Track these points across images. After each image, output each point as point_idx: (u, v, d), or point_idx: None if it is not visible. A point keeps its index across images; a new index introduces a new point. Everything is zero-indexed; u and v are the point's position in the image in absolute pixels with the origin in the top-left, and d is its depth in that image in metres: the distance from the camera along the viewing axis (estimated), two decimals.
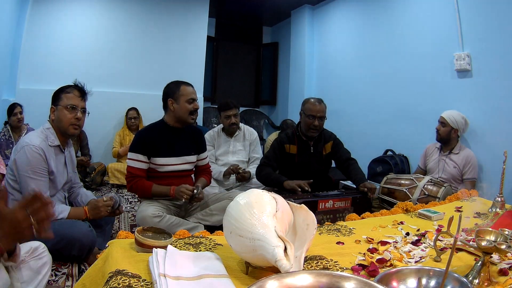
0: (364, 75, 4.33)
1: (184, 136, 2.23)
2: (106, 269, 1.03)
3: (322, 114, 2.44)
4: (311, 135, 2.48)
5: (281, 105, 6.22)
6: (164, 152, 2.14)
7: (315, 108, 2.43)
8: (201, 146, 2.35)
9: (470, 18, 2.98)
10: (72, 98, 1.82)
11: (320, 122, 2.43)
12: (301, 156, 2.53)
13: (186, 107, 2.13)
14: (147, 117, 4.47)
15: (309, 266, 1.07)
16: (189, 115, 2.14)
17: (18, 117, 3.51)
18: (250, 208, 0.97)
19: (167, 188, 2.09)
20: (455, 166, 2.76)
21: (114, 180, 4.00)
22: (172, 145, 2.17)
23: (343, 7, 4.77)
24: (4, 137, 3.50)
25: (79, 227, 1.79)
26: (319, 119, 2.42)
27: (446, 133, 2.79)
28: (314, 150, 2.55)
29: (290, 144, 2.53)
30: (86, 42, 4.49)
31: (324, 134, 2.58)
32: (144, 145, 2.10)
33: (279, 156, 2.53)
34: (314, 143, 2.55)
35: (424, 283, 0.87)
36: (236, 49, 6.49)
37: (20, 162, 1.72)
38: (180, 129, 2.21)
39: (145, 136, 2.14)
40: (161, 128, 2.19)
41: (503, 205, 1.72)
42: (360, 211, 1.73)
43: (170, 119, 2.19)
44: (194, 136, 2.31)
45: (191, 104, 2.13)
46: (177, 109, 2.14)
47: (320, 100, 2.50)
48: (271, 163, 2.51)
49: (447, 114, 2.81)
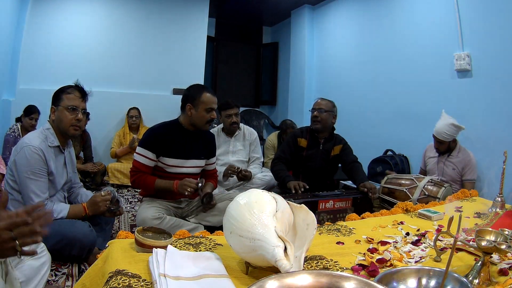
0: (364, 75, 4.33)
1: (197, 139, 2.20)
2: (106, 269, 1.03)
3: (321, 107, 2.60)
4: (315, 128, 2.62)
5: (281, 105, 6.22)
6: (175, 153, 2.11)
7: (316, 102, 2.67)
8: (212, 151, 2.33)
9: (470, 18, 2.98)
10: (73, 99, 1.81)
11: (320, 114, 2.58)
12: (309, 150, 2.66)
13: (204, 116, 2.08)
14: (148, 117, 4.48)
15: (309, 266, 1.07)
16: (206, 123, 2.11)
17: (33, 123, 3.53)
18: (250, 208, 0.97)
19: (170, 182, 2.06)
20: (454, 168, 2.74)
21: (114, 180, 4.00)
22: (184, 147, 2.14)
23: (343, 7, 4.77)
24: (14, 134, 3.52)
25: (79, 227, 1.79)
26: (318, 111, 2.60)
27: (445, 147, 2.75)
28: (323, 148, 2.65)
29: (302, 137, 2.68)
30: (86, 42, 4.49)
31: (336, 137, 2.71)
32: (155, 143, 2.07)
33: (293, 148, 2.67)
34: (325, 141, 2.66)
35: (424, 283, 0.87)
36: (236, 49, 6.49)
37: (19, 162, 1.72)
38: (193, 132, 2.17)
39: (158, 133, 2.10)
40: (175, 128, 2.15)
41: (503, 205, 1.72)
42: (361, 211, 1.73)
43: (185, 121, 2.15)
44: (206, 140, 2.28)
45: (209, 113, 2.08)
46: (194, 115, 2.10)
47: (325, 99, 2.69)
48: (285, 156, 2.65)
49: (438, 132, 2.68)
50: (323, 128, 2.60)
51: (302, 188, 2.30)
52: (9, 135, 3.51)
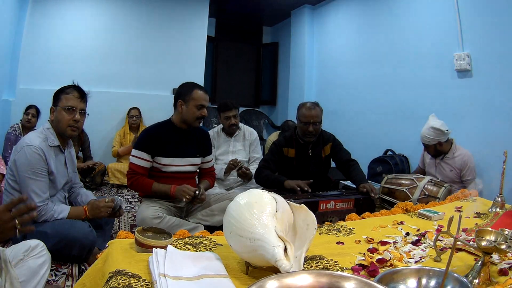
0: (364, 75, 4.33)
1: (191, 137, 2.22)
2: (106, 269, 1.03)
3: (317, 120, 2.40)
4: (308, 140, 2.46)
5: (281, 105, 6.22)
6: (169, 152, 2.13)
7: (310, 113, 2.39)
8: (207, 148, 2.34)
9: (470, 18, 2.98)
10: (71, 99, 1.81)
11: (315, 127, 2.40)
12: (299, 159, 2.52)
13: (194, 112, 2.11)
14: (148, 117, 4.48)
15: (309, 266, 1.07)
16: (195, 120, 2.13)
17: (29, 117, 3.54)
18: (250, 208, 0.97)
19: (168, 186, 2.08)
20: (451, 169, 2.72)
21: (114, 180, 4.00)
22: (178, 145, 2.16)
23: (343, 7, 4.77)
24: (15, 133, 3.53)
25: (79, 227, 1.78)
26: (313, 125, 2.39)
27: (433, 150, 2.74)
28: (313, 153, 2.53)
29: (288, 147, 2.52)
30: (86, 42, 4.49)
31: (323, 136, 2.56)
32: (149, 143, 2.09)
33: (278, 158, 2.52)
34: (313, 146, 2.52)
35: (424, 283, 0.87)
36: (236, 49, 6.49)
37: (19, 162, 1.72)
38: (186, 131, 2.20)
39: (151, 134, 2.13)
40: (168, 127, 2.18)
41: (503, 205, 1.72)
42: (362, 212, 1.71)
43: (177, 119, 2.18)
44: (201, 138, 2.30)
45: (199, 110, 2.11)
46: (185, 112, 2.13)
47: (314, 105, 2.45)
48: (269, 166, 2.49)
49: (421, 137, 2.73)
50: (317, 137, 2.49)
51: (305, 187, 2.22)
52: (10, 133, 3.53)
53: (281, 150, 2.52)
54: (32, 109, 3.58)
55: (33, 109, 3.59)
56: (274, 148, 2.55)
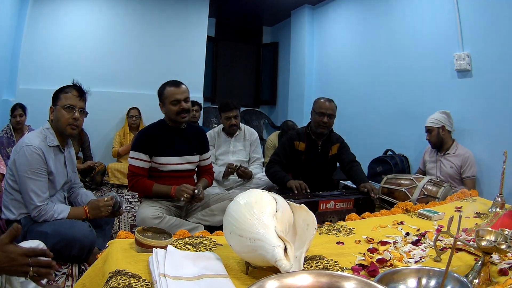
0: (364, 75, 4.33)
1: (187, 136, 2.23)
2: (106, 269, 1.03)
3: (332, 112, 2.51)
4: (321, 132, 2.54)
5: (281, 105, 6.22)
6: (166, 151, 2.14)
7: (325, 105, 2.51)
8: (204, 146, 2.35)
9: (470, 18, 2.98)
10: (70, 98, 1.81)
11: (330, 120, 2.50)
12: (308, 153, 2.60)
13: (171, 109, 2.13)
14: (147, 116, 4.47)
15: (309, 266, 1.07)
16: (176, 115, 2.14)
17: (17, 119, 3.46)
18: (250, 208, 0.97)
19: (168, 187, 2.09)
20: (451, 166, 2.75)
21: (114, 180, 4.00)
22: (174, 144, 2.17)
23: (343, 7, 4.77)
24: (6, 135, 3.49)
25: (79, 227, 1.78)
26: (328, 117, 2.49)
27: (436, 136, 2.81)
28: (322, 149, 2.61)
29: (299, 141, 2.61)
30: (86, 42, 4.49)
31: (332, 136, 2.66)
32: (146, 143, 2.10)
33: (289, 152, 2.60)
34: (323, 143, 2.61)
35: (424, 283, 0.87)
36: (236, 49, 6.49)
37: (19, 162, 1.72)
38: (180, 129, 2.21)
39: (147, 134, 2.15)
40: (162, 127, 2.20)
41: (503, 205, 1.72)
42: (362, 212, 1.72)
43: (166, 119, 2.22)
44: (197, 136, 2.31)
45: (176, 105, 2.12)
46: (166, 111, 2.17)
47: (330, 100, 2.58)
48: (280, 159, 2.58)
49: (427, 122, 2.88)
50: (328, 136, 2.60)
51: (304, 190, 2.28)
52: (2, 137, 3.43)
53: (292, 143, 2.61)
54: (18, 110, 3.46)
55: (19, 109, 3.47)
56: (285, 141, 2.65)
